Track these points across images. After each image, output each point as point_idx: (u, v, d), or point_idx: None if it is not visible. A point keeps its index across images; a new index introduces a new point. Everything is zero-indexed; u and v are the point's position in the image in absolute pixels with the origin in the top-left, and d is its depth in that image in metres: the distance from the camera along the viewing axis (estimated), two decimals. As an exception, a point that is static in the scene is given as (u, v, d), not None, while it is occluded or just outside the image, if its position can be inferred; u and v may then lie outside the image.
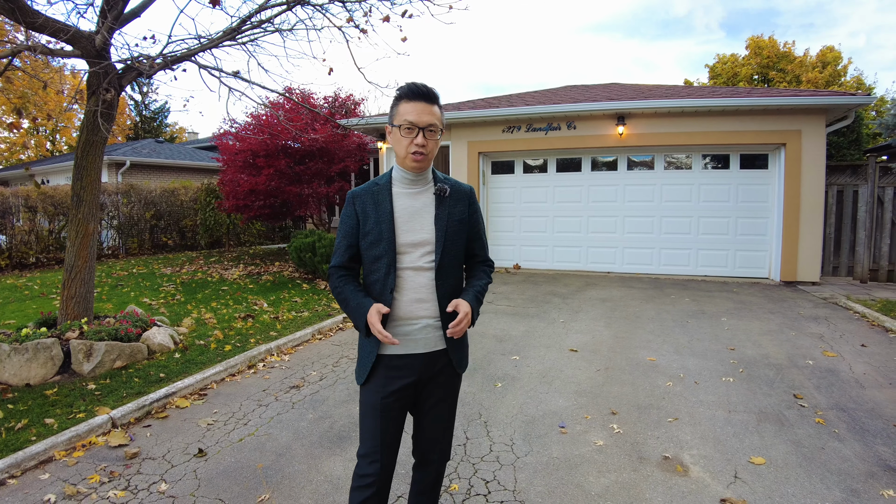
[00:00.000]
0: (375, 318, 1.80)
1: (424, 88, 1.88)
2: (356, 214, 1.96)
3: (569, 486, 2.88)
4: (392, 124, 1.92)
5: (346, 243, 1.98)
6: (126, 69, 5.03)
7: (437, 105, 1.91)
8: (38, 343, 4.33)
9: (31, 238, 11.15)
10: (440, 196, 1.96)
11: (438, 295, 1.92)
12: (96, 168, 5.12)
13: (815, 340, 5.57)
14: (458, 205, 1.99)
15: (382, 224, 1.91)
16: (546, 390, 4.27)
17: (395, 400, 1.93)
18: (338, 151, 11.07)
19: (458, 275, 2.02)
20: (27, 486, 2.92)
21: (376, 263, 1.92)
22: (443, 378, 2.00)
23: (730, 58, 23.71)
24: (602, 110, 9.70)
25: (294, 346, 5.60)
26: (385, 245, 1.89)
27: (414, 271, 1.92)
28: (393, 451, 1.97)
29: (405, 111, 1.86)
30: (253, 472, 3.07)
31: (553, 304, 7.48)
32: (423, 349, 1.93)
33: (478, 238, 2.08)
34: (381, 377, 1.93)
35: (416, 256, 1.92)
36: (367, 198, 1.95)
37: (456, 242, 1.97)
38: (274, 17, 5.11)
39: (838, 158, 12.07)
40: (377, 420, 1.92)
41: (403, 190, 1.96)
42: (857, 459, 3.11)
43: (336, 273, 2.00)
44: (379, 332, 1.78)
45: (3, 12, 4.28)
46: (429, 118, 1.86)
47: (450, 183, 2.01)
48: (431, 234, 1.93)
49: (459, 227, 1.98)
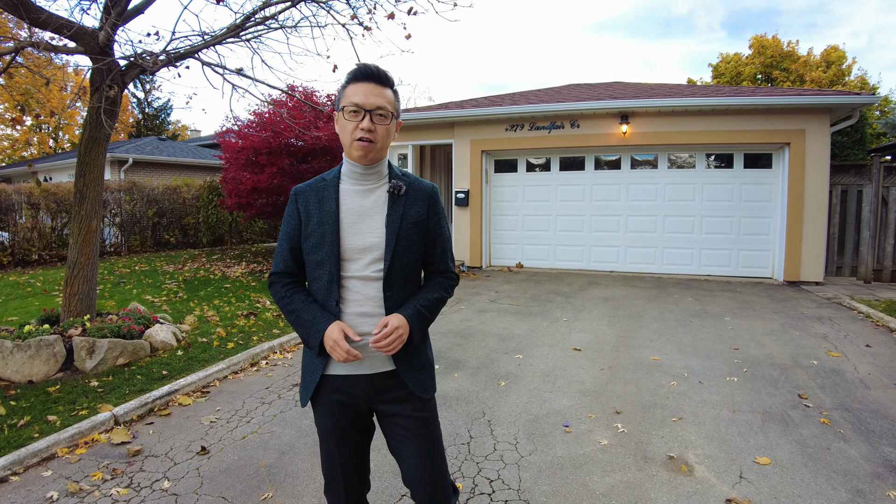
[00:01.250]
0: (340, 335, 1.60)
1: (375, 68, 1.67)
2: (298, 213, 1.75)
3: (573, 486, 2.87)
4: (337, 109, 1.72)
5: (289, 246, 1.76)
6: (129, 66, 5.02)
7: (389, 88, 1.69)
8: (41, 340, 4.32)
9: (34, 235, 11.15)
10: (394, 194, 1.72)
11: (387, 308, 1.69)
12: (99, 165, 5.11)
13: (819, 340, 5.54)
14: (416, 205, 1.75)
15: (325, 225, 1.69)
16: (550, 389, 4.25)
17: (347, 425, 1.74)
18: (341, 150, 11.06)
19: (412, 286, 1.77)
20: (30, 483, 2.91)
21: (318, 270, 1.71)
22: (405, 408, 1.73)
23: (733, 57, 23.65)
24: (605, 109, 9.67)
25: (296, 343, 5.59)
26: (328, 250, 1.68)
27: (360, 281, 1.69)
28: (357, 472, 1.80)
29: (352, 93, 1.65)
30: (256, 469, 3.06)
31: (556, 302, 7.47)
32: (369, 370, 1.70)
33: (437, 244, 1.80)
34: (328, 400, 1.73)
35: (363, 264, 1.69)
36: (311, 195, 1.74)
37: (409, 248, 1.72)
38: (278, 13, 5.10)
39: (842, 158, 12.03)
40: (334, 446, 1.75)
41: (352, 187, 1.74)
42: (862, 460, 3.09)
43: (280, 281, 1.78)
44: (347, 350, 1.58)
45: (6, 9, 4.27)
46: (377, 100, 1.64)
47: (408, 180, 1.77)
48: (381, 237, 1.69)
49: (415, 230, 1.73)
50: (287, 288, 1.76)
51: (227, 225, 13.42)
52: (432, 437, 1.78)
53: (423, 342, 1.82)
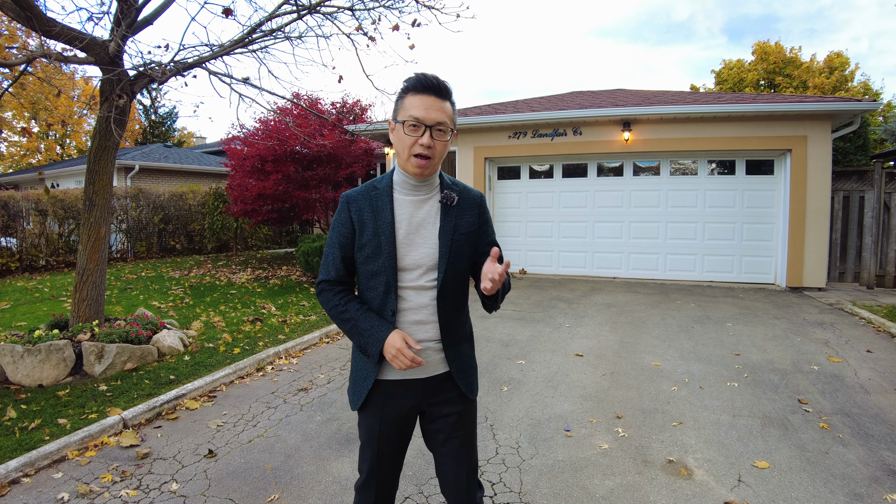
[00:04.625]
0: (403, 344, 1.62)
1: (435, 80, 1.63)
2: (351, 222, 1.73)
3: (574, 489, 2.91)
4: (395, 120, 1.68)
5: (341, 255, 1.76)
6: (138, 76, 5.12)
7: (448, 101, 1.66)
8: (51, 345, 4.40)
9: (41, 241, 11.28)
10: (446, 205, 1.74)
11: (440, 316, 1.73)
12: (108, 173, 5.20)
13: (820, 346, 5.57)
14: (467, 214, 1.77)
15: (381, 236, 1.69)
16: (552, 394, 4.30)
17: (392, 428, 1.79)
18: (345, 157, 11.16)
19: (461, 293, 1.81)
20: (41, 485, 2.98)
21: (373, 280, 1.72)
22: (451, 407, 1.80)
23: (736, 63, 23.71)
24: (608, 116, 9.74)
25: (302, 349, 5.65)
26: (384, 261, 1.69)
27: (414, 291, 1.72)
28: (391, 477, 1.87)
29: (411, 105, 1.62)
30: (262, 472, 3.12)
31: (559, 308, 7.51)
32: (423, 374, 1.75)
33: (490, 246, 1.83)
34: (378, 405, 1.78)
35: (417, 274, 1.71)
36: (365, 203, 1.73)
37: (461, 258, 1.76)
38: (284, 25, 5.20)
39: (844, 164, 12.05)
40: (374, 448, 1.80)
41: (405, 196, 1.74)
42: (861, 464, 3.13)
43: (331, 289, 1.78)
44: (412, 358, 1.62)
45: (20, 21, 4.38)
46: (438, 115, 1.61)
47: (458, 189, 1.79)
48: (435, 248, 1.72)
49: (466, 239, 1.76)
50: (340, 296, 1.76)
51: (232, 231, 13.53)
52: (471, 435, 1.87)
53: (472, 347, 1.90)
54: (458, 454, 1.81)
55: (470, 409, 1.86)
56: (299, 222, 12.82)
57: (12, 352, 4.34)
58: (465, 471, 1.82)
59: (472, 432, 1.87)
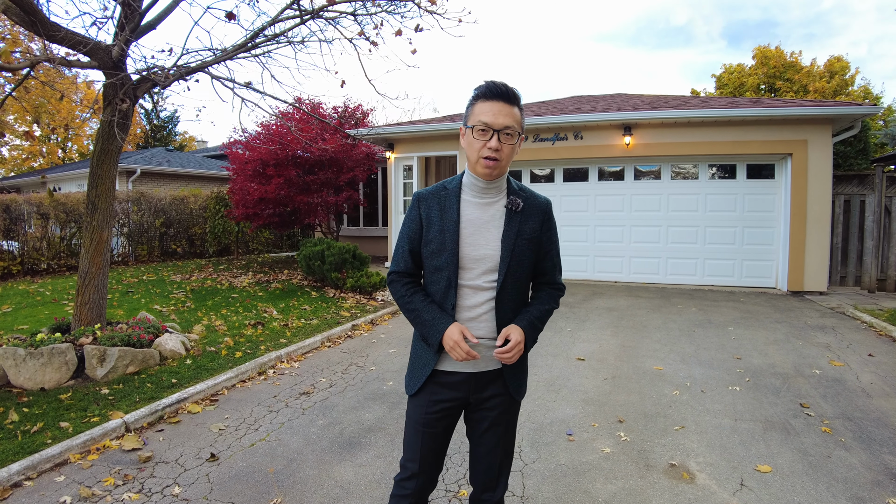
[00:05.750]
0: (461, 337, 1.71)
1: (504, 87, 1.72)
2: (420, 218, 1.83)
3: (576, 493, 2.91)
4: (465, 125, 1.79)
5: (409, 248, 1.86)
6: (141, 80, 5.14)
7: (517, 107, 1.74)
8: (53, 348, 4.41)
9: (43, 245, 11.29)
10: (511, 210, 1.80)
11: (497, 316, 1.80)
12: (111, 176, 5.22)
13: (821, 350, 5.57)
14: (531, 221, 1.83)
15: (447, 233, 1.78)
16: (553, 398, 4.30)
17: (439, 417, 1.86)
18: (347, 161, 11.19)
19: (520, 296, 1.87)
20: (43, 488, 2.98)
21: (436, 274, 1.82)
22: (496, 402, 1.86)
23: (736, 67, 23.74)
24: (609, 121, 9.76)
25: (304, 353, 5.66)
26: (447, 257, 1.77)
27: (472, 290, 1.80)
28: (433, 466, 1.92)
29: (480, 111, 1.71)
30: (264, 476, 3.12)
31: (560, 312, 7.51)
32: (474, 368, 1.83)
33: (549, 258, 1.90)
34: (429, 392, 1.86)
35: (476, 273, 1.79)
36: (434, 202, 1.83)
37: (522, 263, 1.81)
38: (287, 30, 5.22)
39: (845, 168, 12.06)
40: (419, 436, 1.87)
41: (473, 198, 1.82)
42: (863, 468, 3.12)
43: (400, 280, 1.89)
44: (468, 351, 1.71)
45: (24, 25, 4.41)
46: (506, 120, 1.70)
47: (525, 195, 1.84)
48: (496, 251, 1.78)
49: (528, 245, 1.81)
50: (407, 287, 1.87)
51: (233, 235, 13.55)
52: (511, 435, 1.95)
53: (527, 351, 1.93)
54: (495, 445, 1.89)
55: (514, 407, 1.93)
56: (301, 226, 12.84)
57: (14, 355, 4.35)
58: (498, 462, 1.90)
59: (512, 428, 1.94)
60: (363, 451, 3.41)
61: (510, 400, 1.89)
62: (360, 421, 3.89)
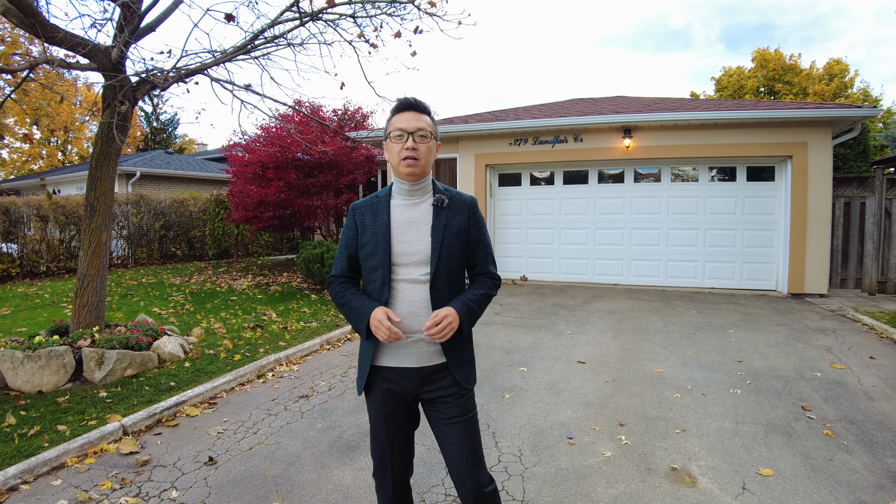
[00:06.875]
0: (384, 316, 1.79)
1: (413, 100, 1.93)
2: (355, 226, 2.00)
3: (577, 497, 2.89)
4: (385, 138, 1.98)
5: (346, 254, 2.02)
6: (140, 82, 5.13)
7: (426, 114, 1.94)
8: (51, 351, 4.39)
9: (42, 247, 11.28)
10: (438, 206, 1.95)
11: (434, 307, 1.88)
12: (110, 179, 5.21)
13: (822, 352, 5.55)
14: (458, 215, 1.97)
15: (379, 235, 1.92)
16: (554, 402, 4.28)
17: (395, 408, 1.96)
18: (346, 164, 11.18)
19: (455, 288, 1.96)
20: (40, 492, 2.96)
21: (373, 274, 1.94)
22: (448, 393, 1.94)
23: (736, 70, 23.78)
24: (609, 123, 9.76)
25: (303, 356, 5.64)
26: (381, 256, 1.91)
27: (409, 284, 1.91)
28: (402, 451, 2.01)
29: (397, 122, 1.91)
30: (263, 480, 3.10)
31: (560, 315, 7.49)
32: (417, 363, 1.91)
33: (479, 249, 2.02)
34: (380, 388, 1.95)
35: (411, 269, 1.91)
36: (367, 209, 1.99)
37: (453, 254, 1.94)
38: (287, 32, 5.21)
39: (845, 170, 12.07)
40: (382, 426, 1.97)
41: (402, 201, 1.98)
42: (865, 471, 3.10)
43: (336, 281, 2.04)
44: (388, 328, 1.77)
45: (23, 27, 4.40)
46: (418, 124, 1.89)
47: (450, 194, 2.01)
48: (427, 245, 1.91)
49: (457, 238, 1.95)
50: (342, 285, 2.02)
51: (233, 238, 13.53)
52: (472, 423, 1.98)
53: (469, 339, 2.04)
54: (457, 438, 1.94)
55: (468, 397, 1.99)
56: (300, 229, 12.82)
57: (12, 358, 4.33)
58: (466, 454, 1.93)
59: (471, 418, 1.98)
60: (362, 455, 3.39)
61: (460, 389, 1.96)
62: (359, 424, 3.87)
